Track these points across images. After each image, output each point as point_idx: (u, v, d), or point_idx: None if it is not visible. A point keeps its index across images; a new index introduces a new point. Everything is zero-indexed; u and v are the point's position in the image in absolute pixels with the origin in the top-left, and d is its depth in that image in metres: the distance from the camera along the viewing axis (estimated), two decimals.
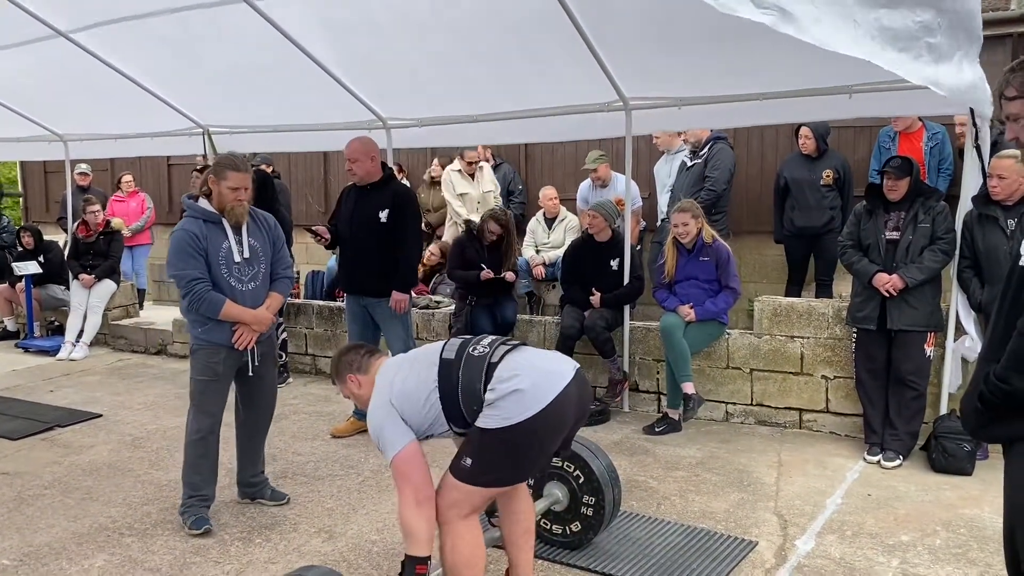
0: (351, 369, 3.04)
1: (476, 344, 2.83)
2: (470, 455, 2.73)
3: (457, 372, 2.76)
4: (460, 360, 2.78)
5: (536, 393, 2.65)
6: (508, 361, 2.74)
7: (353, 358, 3.07)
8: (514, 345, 2.84)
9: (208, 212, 3.87)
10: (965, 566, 3.47)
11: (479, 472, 2.71)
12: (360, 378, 3.02)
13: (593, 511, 3.50)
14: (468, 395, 2.74)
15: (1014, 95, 2.07)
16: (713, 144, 6.56)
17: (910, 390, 4.68)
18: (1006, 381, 1.97)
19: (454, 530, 2.76)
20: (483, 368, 2.73)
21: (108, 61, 6.40)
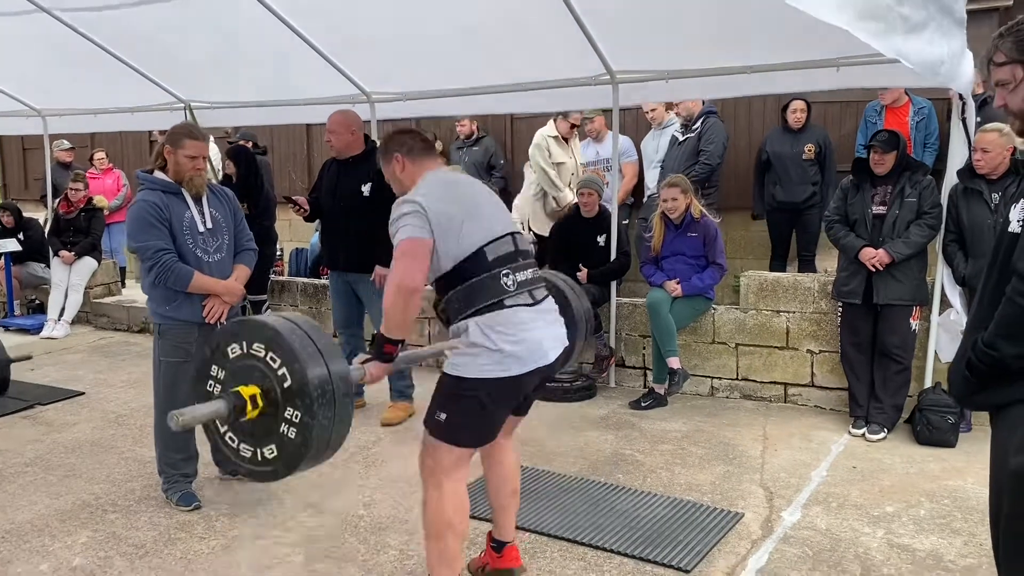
0: (403, 150, 2.88)
1: (512, 273, 2.70)
2: (441, 409, 2.72)
3: (477, 275, 2.66)
4: (488, 271, 2.67)
5: (511, 362, 2.63)
6: (517, 314, 2.67)
7: (409, 141, 2.90)
8: (539, 298, 2.77)
9: (166, 183, 3.75)
10: (949, 536, 3.50)
11: (450, 427, 2.70)
12: (408, 164, 2.88)
13: None
14: (463, 298, 2.67)
15: (1003, 60, 2.06)
16: (706, 118, 6.53)
17: (895, 363, 4.70)
18: (994, 348, 1.97)
19: (439, 489, 2.73)
20: (493, 300, 2.65)
21: (87, 35, 6.28)
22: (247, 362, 2.41)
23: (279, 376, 2.34)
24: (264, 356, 2.37)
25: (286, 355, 2.33)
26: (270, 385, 2.36)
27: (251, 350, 2.40)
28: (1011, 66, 2.05)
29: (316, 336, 2.40)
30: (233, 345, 2.44)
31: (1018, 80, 2.04)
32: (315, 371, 2.31)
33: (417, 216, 2.63)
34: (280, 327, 2.36)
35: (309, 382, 2.30)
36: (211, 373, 2.50)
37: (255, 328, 2.42)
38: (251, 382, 2.39)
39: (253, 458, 2.43)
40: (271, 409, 2.36)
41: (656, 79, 5.47)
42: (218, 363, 2.48)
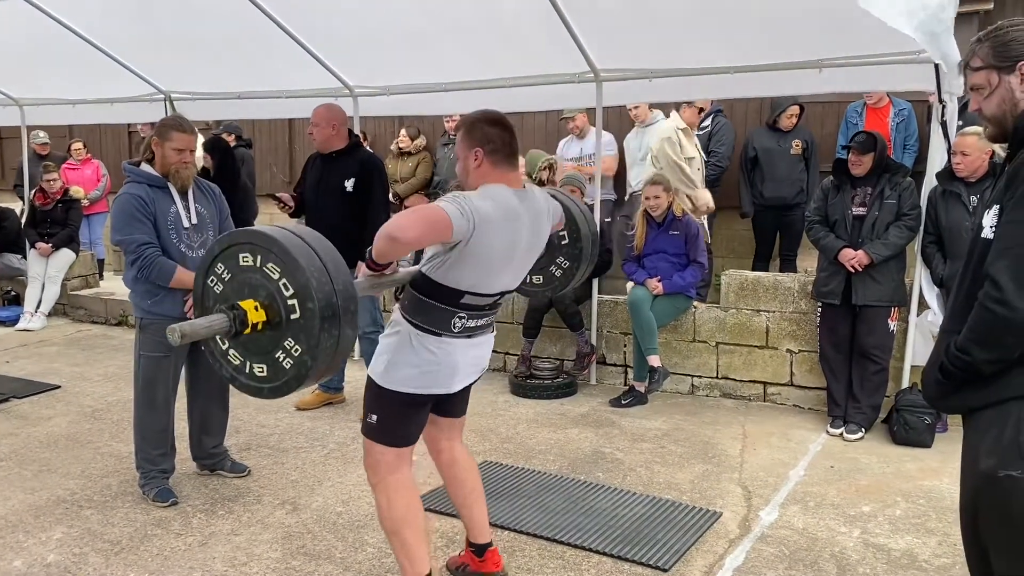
0: (488, 147, 2.65)
1: (467, 319, 2.68)
2: (372, 411, 2.76)
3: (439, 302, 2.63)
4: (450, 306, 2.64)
5: (424, 380, 2.67)
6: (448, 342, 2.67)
7: (499, 141, 2.66)
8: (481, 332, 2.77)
9: (152, 176, 3.72)
10: (924, 535, 3.53)
11: (382, 429, 2.74)
12: (485, 164, 2.66)
13: None
14: (414, 305, 2.66)
15: (979, 65, 2.08)
16: (715, 116, 6.52)
17: (873, 364, 4.74)
18: (966, 352, 1.99)
19: (385, 487, 2.76)
20: (433, 329, 2.64)
21: (66, 23, 6.20)
22: (247, 275, 2.31)
23: (281, 288, 2.25)
24: (264, 267, 2.28)
25: (288, 267, 2.23)
26: (270, 295, 2.26)
27: (248, 262, 2.30)
28: (986, 71, 2.06)
29: (312, 239, 2.30)
30: (234, 259, 2.33)
31: (993, 86, 2.06)
32: (310, 269, 2.22)
33: (464, 218, 2.47)
34: (281, 238, 2.25)
35: (308, 282, 2.20)
36: (209, 292, 2.39)
37: (255, 239, 2.29)
38: (251, 296, 2.29)
39: (264, 375, 2.35)
40: (275, 319, 2.27)
41: (640, 78, 5.47)
42: (216, 275, 2.37)
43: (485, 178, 2.66)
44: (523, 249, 2.72)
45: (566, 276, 3.34)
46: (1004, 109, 2.05)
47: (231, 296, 2.33)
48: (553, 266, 3.34)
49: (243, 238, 2.32)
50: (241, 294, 2.31)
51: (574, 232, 3.27)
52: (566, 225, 3.24)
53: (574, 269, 3.31)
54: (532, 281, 3.35)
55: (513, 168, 2.73)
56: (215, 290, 2.38)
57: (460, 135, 2.73)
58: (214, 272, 2.38)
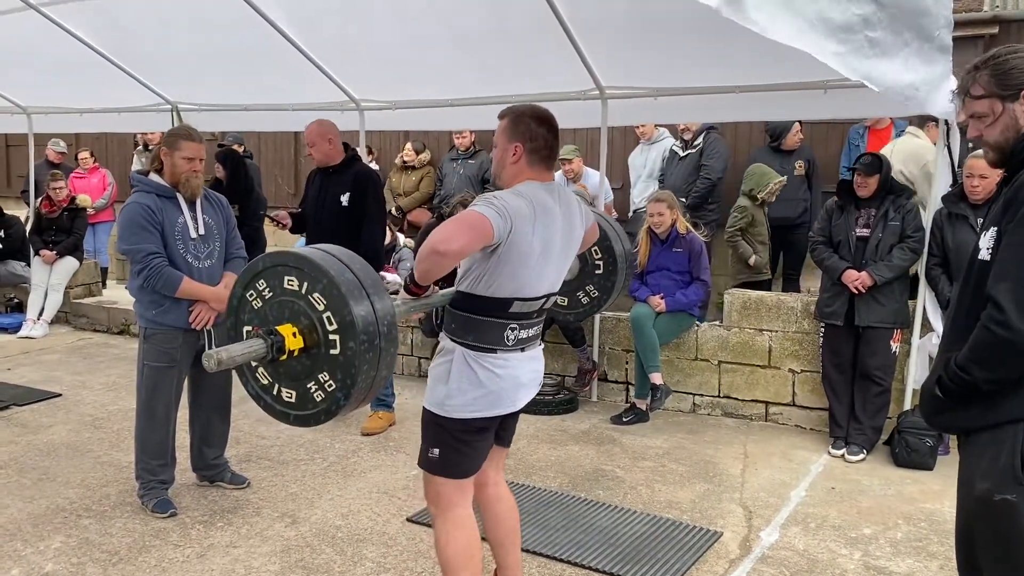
0: (528, 144, 2.58)
1: (519, 329, 2.61)
2: (434, 445, 2.65)
3: (489, 315, 2.55)
4: (501, 318, 2.56)
5: (487, 402, 2.59)
6: (504, 357, 2.60)
7: (542, 140, 2.60)
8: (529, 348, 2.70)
9: (161, 186, 3.73)
10: (925, 559, 3.51)
11: (443, 463, 2.63)
12: (523, 160, 2.59)
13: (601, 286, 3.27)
14: (462, 324, 2.58)
15: (980, 94, 2.08)
16: (707, 134, 6.57)
17: (875, 385, 4.73)
18: (966, 371, 2.00)
19: (445, 522, 2.67)
20: (487, 346, 2.57)
21: (76, 33, 6.24)
22: (290, 299, 2.26)
23: (324, 320, 2.20)
24: (310, 296, 2.22)
25: (335, 302, 2.17)
26: (311, 326, 2.22)
27: (294, 287, 2.25)
28: (989, 100, 2.07)
29: (363, 274, 2.25)
30: (279, 279, 2.29)
31: (996, 114, 2.07)
32: (359, 309, 2.16)
33: (501, 218, 2.41)
34: (333, 270, 2.20)
35: (354, 321, 2.14)
36: (247, 305, 2.34)
37: (306, 265, 2.25)
38: (291, 321, 2.25)
39: (292, 401, 2.31)
40: (312, 349, 2.23)
41: (645, 95, 5.49)
42: (256, 291, 2.32)
43: (519, 175, 2.60)
44: (559, 246, 2.65)
45: (592, 305, 3.34)
46: (1008, 136, 2.07)
47: (268, 315, 2.29)
48: (581, 292, 3.33)
49: (293, 261, 2.27)
50: (280, 316, 2.27)
51: (610, 264, 3.26)
52: (603, 255, 3.22)
53: (602, 300, 3.32)
54: (557, 301, 3.29)
55: (549, 170, 2.66)
56: (253, 304, 2.34)
57: (504, 124, 2.64)
58: (255, 287, 2.33)
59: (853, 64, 3.50)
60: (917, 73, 3.88)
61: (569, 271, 2.99)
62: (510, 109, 2.67)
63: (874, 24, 3.53)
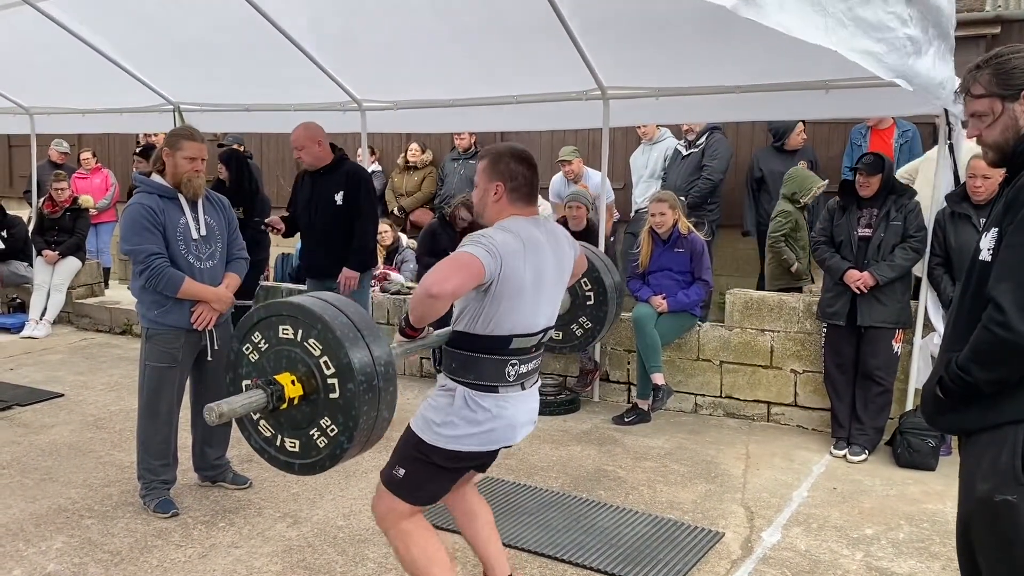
0: (509, 184, 2.60)
1: (519, 364, 2.62)
2: (402, 465, 2.63)
3: (488, 353, 2.56)
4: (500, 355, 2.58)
5: (482, 439, 2.59)
6: (504, 396, 2.61)
7: (522, 178, 2.61)
8: (528, 386, 2.70)
9: (163, 187, 3.74)
10: (927, 560, 3.51)
11: (408, 486, 2.62)
12: (505, 199, 2.61)
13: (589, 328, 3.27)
14: (461, 363, 2.58)
15: (981, 93, 2.08)
16: (710, 134, 6.57)
17: (877, 385, 4.72)
18: (967, 372, 2.01)
19: (399, 534, 2.66)
20: (488, 384, 2.58)
21: (77, 33, 6.24)
22: (286, 348, 2.27)
23: (321, 365, 2.21)
24: (305, 342, 2.23)
25: (331, 345, 2.19)
26: (309, 372, 2.23)
27: (289, 335, 2.27)
28: (989, 99, 2.07)
29: (357, 318, 2.26)
30: (273, 329, 2.30)
31: (996, 114, 2.06)
32: (355, 351, 2.18)
33: (491, 256, 2.43)
34: (327, 314, 2.22)
35: (351, 363, 2.16)
36: (244, 359, 2.36)
37: (299, 313, 2.27)
38: (289, 369, 2.26)
39: (296, 451, 2.32)
40: (312, 395, 2.24)
41: (647, 96, 5.49)
42: (252, 344, 2.33)
43: (502, 212, 2.63)
44: (551, 277, 2.67)
45: (587, 336, 3.38)
46: (1008, 136, 2.06)
47: (266, 367, 2.31)
48: (575, 324, 3.35)
49: (286, 310, 2.29)
50: (278, 366, 2.29)
51: (600, 295, 3.28)
52: (592, 286, 3.22)
53: (596, 331, 3.34)
54: (552, 336, 3.27)
55: (532, 207, 2.68)
56: (250, 358, 2.36)
57: (483, 165, 2.67)
58: (250, 340, 2.35)
59: (890, 63, 3.47)
60: (943, 71, 3.90)
61: (560, 305, 3.00)
62: (488, 150, 2.74)
63: (907, 21, 3.50)
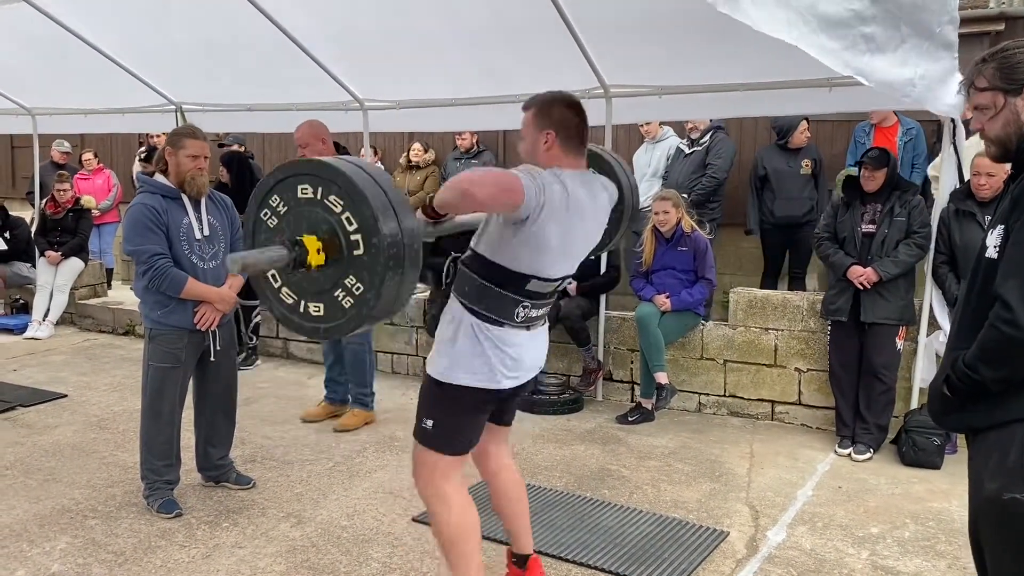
0: (560, 133, 2.56)
1: (529, 308, 2.59)
2: (429, 415, 2.64)
3: (503, 288, 2.54)
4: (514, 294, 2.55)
5: (497, 375, 2.58)
6: (511, 334, 2.59)
7: (573, 127, 2.57)
8: (534, 328, 2.68)
9: (166, 187, 3.74)
10: (933, 558, 3.49)
11: (441, 435, 2.62)
12: (556, 148, 2.56)
13: None
14: (474, 291, 2.56)
15: (984, 86, 2.07)
16: (714, 133, 6.55)
17: (880, 383, 4.71)
18: (975, 370, 1.99)
19: (441, 497, 2.64)
20: (496, 317, 2.55)
21: (79, 33, 6.24)
22: (306, 208, 2.16)
23: (344, 222, 2.11)
24: (325, 199, 2.14)
25: (352, 200, 2.09)
26: (332, 231, 2.13)
27: (308, 194, 2.16)
28: (992, 93, 2.06)
29: (387, 186, 2.16)
30: (292, 190, 2.19)
31: (998, 107, 2.05)
32: (376, 202, 2.08)
33: (536, 196, 2.39)
34: (347, 170, 2.12)
35: (376, 220, 2.07)
36: (262, 226, 2.25)
37: (318, 170, 2.16)
38: (314, 231, 2.16)
39: (320, 314, 2.23)
40: (335, 255, 2.14)
41: (650, 94, 5.48)
42: (270, 208, 2.23)
43: (553, 161, 2.56)
44: (579, 240, 2.64)
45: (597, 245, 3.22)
46: (1009, 131, 2.05)
47: (287, 231, 2.20)
48: None
49: (304, 169, 2.18)
50: (299, 228, 2.18)
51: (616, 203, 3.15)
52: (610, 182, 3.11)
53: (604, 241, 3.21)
54: None
55: (583, 155, 2.64)
56: (268, 223, 2.24)
57: (531, 115, 2.60)
58: (268, 205, 2.24)
59: (846, 59, 3.48)
60: (916, 68, 3.86)
61: None
62: (535, 98, 2.63)
63: (868, 19, 3.51)
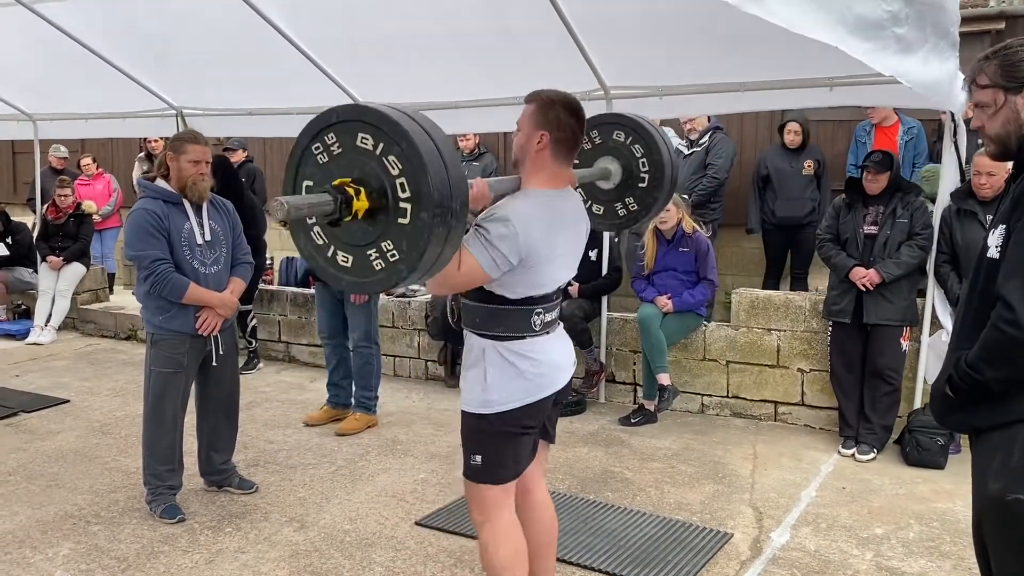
0: (555, 135, 2.51)
1: (543, 312, 2.56)
2: (476, 452, 2.57)
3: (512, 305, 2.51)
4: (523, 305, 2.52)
5: (531, 388, 2.53)
6: (536, 342, 2.56)
7: (569, 131, 2.53)
8: (553, 330, 2.65)
9: (168, 192, 3.74)
10: (938, 559, 3.48)
11: (490, 467, 2.56)
12: (548, 152, 2.52)
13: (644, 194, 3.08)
14: (485, 317, 2.53)
15: (986, 83, 2.07)
16: (713, 133, 6.55)
17: (884, 384, 4.70)
18: (978, 371, 1.99)
19: (492, 528, 2.58)
20: (516, 334, 2.52)
21: (79, 38, 6.25)
22: (361, 158, 2.08)
23: (397, 186, 2.03)
24: (385, 158, 2.05)
25: (412, 168, 2.01)
26: (383, 190, 2.04)
27: (368, 146, 2.07)
28: (993, 90, 2.05)
29: (450, 161, 2.08)
30: (352, 135, 2.10)
31: (999, 105, 2.05)
32: (436, 178, 2.00)
33: (507, 243, 2.37)
34: (414, 134, 2.02)
35: (431, 192, 1.98)
36: (311, 158, 2.16)
37: (385, 125, 2.06)
38: (359, 182, 2.07)
39: (347, 266, 2.15)
40: (380, 214, 2.06)
41: (650, 95, 5.47)
42: (324, 144, 2.14)
43: (541, 167, 2.53)
44: (572, 234, 2.62)
45: (629, 219, 3.15)
46: (1008, 129, 2.05)
47: (335, 172, 2.11)
48: (620, 204, 3.15)
49: (371, 119, 2.07)
50: (347, 174, 2.09)
51: (656, 179, 3.06)
52: (650, 169, 3.03)
53: (639, 215, 3.11)
54: (592, 209, 3.16)
55: (570, 164, 2.60)
56: (318, 159, 2.15)
57: (531, 109, 2.55)
58: (323, 140, 2.14)
59: (882, 60, 3.48)
60: (932, 69, 3.88)
61: (610, 179, 2.99)
62: (538, 93, 2.57)
63: (901, 21, 3.51)
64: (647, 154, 3.06)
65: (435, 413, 5.51)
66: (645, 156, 3.06)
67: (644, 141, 3.06)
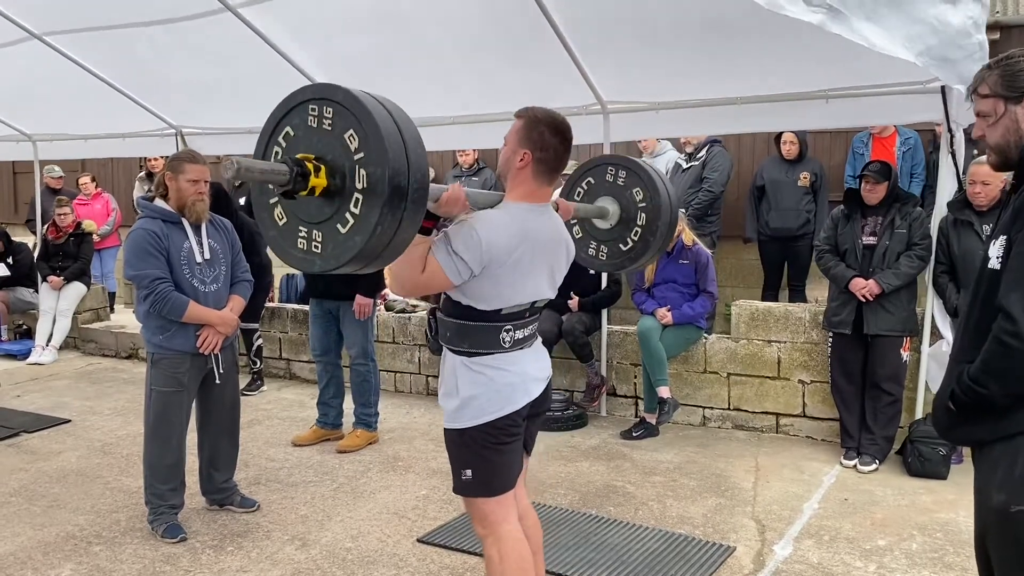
0: (539, 154, 2.52)
1: (514, 330, 2.57)
2: (463, 467, 2.58)
3: (481, 321, 2.53)
4: (493, 321, 2.54)
5: (504, 399, 2.54)
6: (508, 355, 2.57)
7: (553, 152, 2.53)
8: (530, 342, 2.67)
9: (166, 212, 3.76)
10: (941, 570, 3.47)
11: (481, 481, 2.57)
12: (530, 170, 2.53)
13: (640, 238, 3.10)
14: (456, 332, 2.56)
15: (987, 93, 2.08)
16: (711, 147, 6.58)
17: (885, 395, 4.69)
18: (980, 384, 1.98)
19: (496, 540, 2.59)
20: (484, 351, 2.54)
21: (80, 62, 6.30)
22: (321, 136, 2.11)
23: (353, 156, 2.04)
24: (341, 132, 2.07)
25: (367, 136, 2.02)
26: (340, 164, 2.06)
27: (329, 124, 2.10)
28: (993, 100, 2.06)
29: (403, 124, 2.10)
30: (313, 107, 2.14)
31: (999, 115, 2.06)
32: (395, 163, 2.01)
33: (470, 251, 2.39)
34: (380, 120, 2.05)
35: (386, 171, 1.99)
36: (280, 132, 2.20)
37: (354, 106, 2.10)
38: (320, 158, 2.09)
39: (300, 246, 2.17)
40: (335, 189, 2.07)
41: (647, 109, 5.50)
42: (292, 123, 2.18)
43: (522, 183, 2.55)
44: (551, 252, 2.62)
45: (626, 258, 3.17)
46: (1008, 139, 2.05)
47: (300, 147, 2.14)
48: (623, 242, 3.18)
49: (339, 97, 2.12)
50: (308, 150, 2.12)
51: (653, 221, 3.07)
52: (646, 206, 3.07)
53: (640, 252, 3.15)
54: (598, 256, 3.20)
55: (551, 184, 2.61)
56: (288, 132, 2.19)
57: (518, 126, 2.57)
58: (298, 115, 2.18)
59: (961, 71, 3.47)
60: None
61: (608, 219, 3.05)
62: (526, 110, 2.59)
63: (980, 26, 3.51)
64: (645, 208, 3.12)
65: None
66: (644, 202, 3.13)
67: (644, 185, 3.11)
